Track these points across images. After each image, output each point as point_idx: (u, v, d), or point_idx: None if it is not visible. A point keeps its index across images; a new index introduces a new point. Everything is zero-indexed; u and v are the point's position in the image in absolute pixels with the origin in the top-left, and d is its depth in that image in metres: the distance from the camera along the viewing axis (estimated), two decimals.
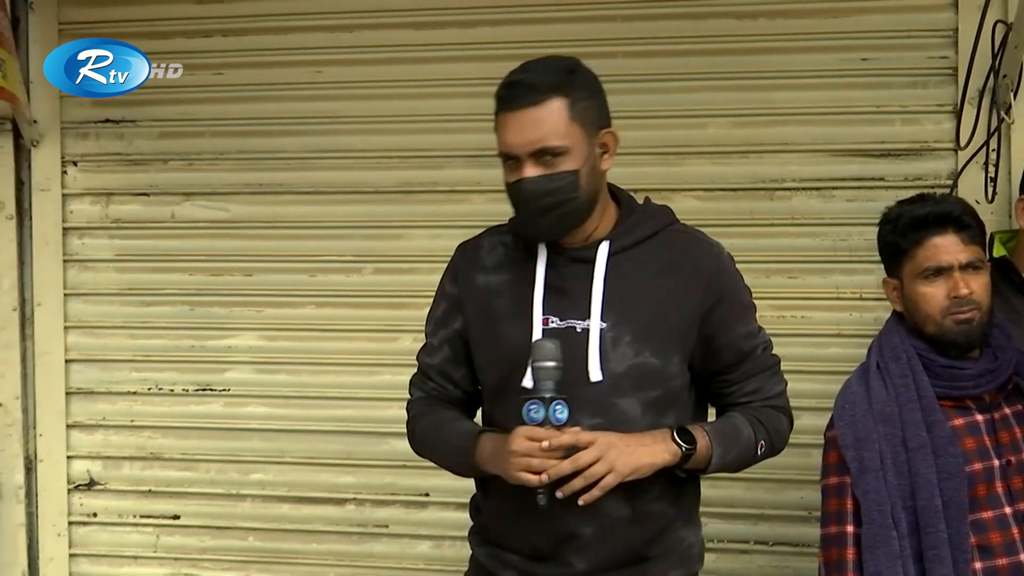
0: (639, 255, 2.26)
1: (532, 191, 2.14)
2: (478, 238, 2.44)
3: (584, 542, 2.22)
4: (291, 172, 3.58)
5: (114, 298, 3.72)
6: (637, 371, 2.20)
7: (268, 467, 3.64)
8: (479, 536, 2.44)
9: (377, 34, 3.48)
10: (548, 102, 2.12)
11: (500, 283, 2.31)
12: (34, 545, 3.78)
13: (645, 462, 2.12)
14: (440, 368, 2.42)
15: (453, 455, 2.34)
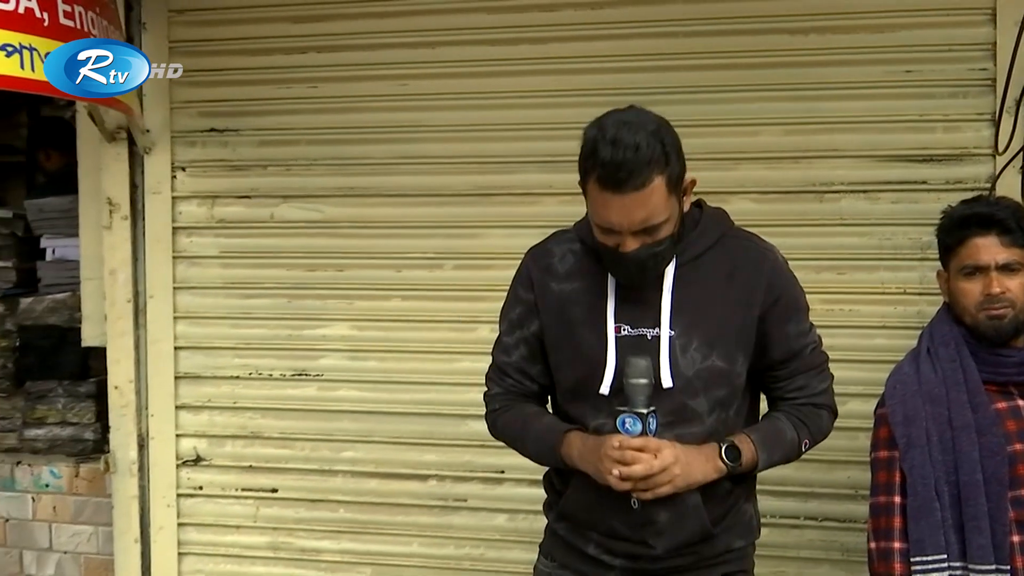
0: (702, 264, 2.32)
1: (635, 260, 2.20)
2: (548, 245, 2.49)
3: (661, 527, 2.31)
4: (379, 177, 3.67)
5: (218, 291, 3.85)
6: (706, 374, 2.28)
7: (358, 446, 3.75)
8: (557, 512, 2.51)
9: (456, 50, 3.55)
10: (651, 183, 2.12)
11: (573, 291, 2.37)
12: (146, 515, 3.93)
13: (697, 479, 2.23)
14: (517, 366, 2.49)
15: (540, 448, 2.43)
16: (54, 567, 4.17)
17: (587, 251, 2.39)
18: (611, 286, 2.32)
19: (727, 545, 2.41)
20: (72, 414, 4.25)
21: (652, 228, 2.18)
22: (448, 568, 3.71)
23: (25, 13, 2.96)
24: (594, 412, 2.31)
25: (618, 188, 2.12)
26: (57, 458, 4.21)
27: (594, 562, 2.43)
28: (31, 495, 4.21)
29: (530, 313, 2.43)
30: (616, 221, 2.16)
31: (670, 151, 2.16)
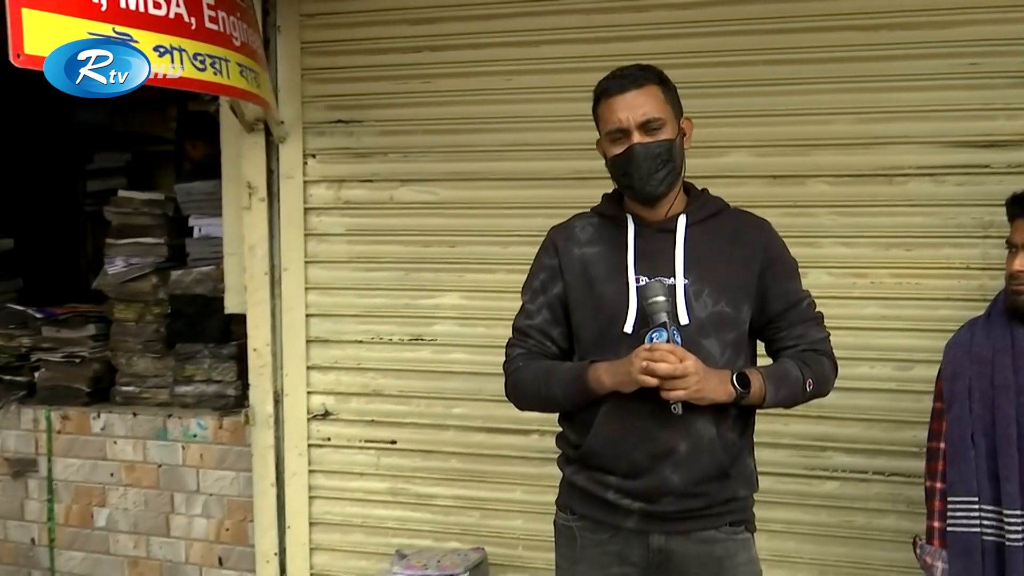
0: (709, 228, 2.51)
1: (643, 152, 2.41)
2: (569, 221, 2.67)
3: (680, 457, 2.42)
4: (486, 163, 3.80)
5: (344, 265, 3.99)
6: (716, 317, 2.44)
7: (467, 403, 3.88)
8: (576, 464, 2.58)
9: (556, 48, 3.66)
10: (649, 87, 2.44)
11: (594, 253, 2.53)
12: (280, 462, 4.11)
13: (708, 396, 2.35)
14: (540, 328, 2.60)
15: (566, 386, 2.50)
16: (201, 507, 4.40)
17: (604, 223, 2.59)
18: (631, 243, 2.49)
19: (733, 492, 2.50)
20: (216, 373, 4.48)
21: (654, 125, 2.42)
22: (548, 514, 3.43)
23: (175, 18, 3.08)
24: (618, 355, 2.42)
25: (621, 89, 2.43)
26: (203, 412, 4.42)
27: (613, 509, 2.51)
28: (181, 444, 4.41)
29: (554, 277, 2.58)
30: (623, 116, 2.42)
31: (667, 80, 2.50)
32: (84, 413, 4.60)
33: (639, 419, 2.42)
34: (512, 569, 3.89)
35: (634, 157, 2.43)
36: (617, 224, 2.56)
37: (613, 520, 2.53)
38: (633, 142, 2.42)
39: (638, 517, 2.50)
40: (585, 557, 2.58)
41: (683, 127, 2.51)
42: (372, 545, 4.06)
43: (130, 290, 4.67)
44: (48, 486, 4.64)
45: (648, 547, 2.51)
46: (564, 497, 2.67)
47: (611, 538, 2.54)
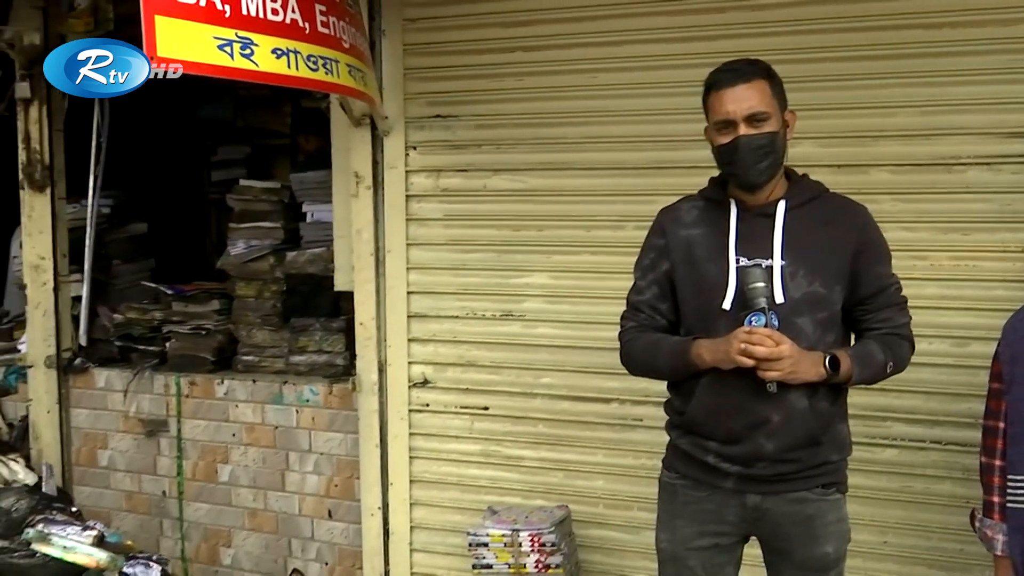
0: (806, 212, 2.55)
1: (748, 144, 2.46)
2: (676, 204, 2.72)
3: (774, 427, 2.49)
4: (573, 153, 3.86)
5: (442, 247, 4.10)
6: (810, 297, 2.49)
7: (554, 373, 3.95)
8: (680, 429, 2.67)
9: (638, 47, 3.71)
10: (756, 81, 2.49)
11: (698, 234, 2.60)
12: (384, 426, 4.24)
13: (801, 377, 2.42)
14: (649, 303, 2.67)
15: (672, 358, 2.58)
16: (312, 465, 4.56)
17: (709, 206, 2.65)
18: (732, 226, 2.56)
19: (825, 457, 2.56)
20: (327, 344, 4.64)
21: (759, 118, 2.47)
22: (626, 476, 3.88)
23: (291, 23, 3.18)
24: (716, 330, 2.51)
25: (730, 83, 2.48)
26: (315, 379, 4.57)
27: (712, 471, 2.60)
28: (295, 408, 4.57)
29: (661, 256, 2.66)
30: (731, 109, 2.47)
31: (774, 75, 2.54)
32: (209, 379, 4.80)
33: (736, 391, 2.49)
34: (593, 525, 3.97)
35: (739, 148, 2.48)
36: (721, 207, 2.61)
37: (712, 480, 2.61)
38: (739, 134, 2.47)
39: (735, 479, 2.58)
40: (685, 513, 2.68)
41: (787, 119, 2.56)
42: (466, 501, 4.15)
43: (250, 269, 4.86)
44: (177, 444, 4.87)
45: (744, 506, 2.60)
46: (669, 458, 2.76)
47: (709, 496, 2.63)
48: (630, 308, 2.75)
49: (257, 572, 4.76)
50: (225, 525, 4.83)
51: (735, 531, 2.66)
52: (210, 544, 4.87)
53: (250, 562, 4.78)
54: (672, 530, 2.72)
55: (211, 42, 2.87)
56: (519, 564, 3.70)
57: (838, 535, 2.62)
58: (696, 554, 2.67)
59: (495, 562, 3.73)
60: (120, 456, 5.03)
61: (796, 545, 2.60)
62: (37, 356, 5.04)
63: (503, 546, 3.71)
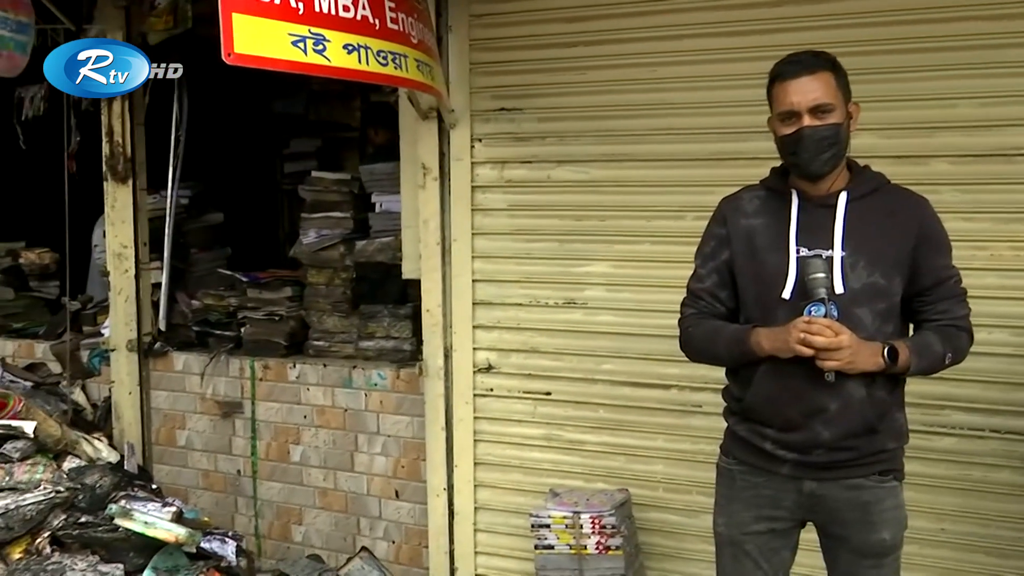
0: (868, 203, 2.54)
1: (811, 135, 2.45)
2: (738, 193, 2.72)
3: (831, 415, 2.49)
4: (634, 145, 3.87)
5: (506, 236, 4.12)
6: (869, 288, 2.48)
7: (614, 360, 3.97)
8: (738, 416, 2.69)
9: (697, 41, 3.71)
10: (822, 73, 2.48)
11: (759, 224, 2.60)
12: (449, 409, 4.28)
13: (860, 367, 2.42)
14: (710, 290, 2.67)
15: (731, 346, 2.59)
16: (380, 447, 4.64)
17: (770, 195, 2.65)
18: (794, 216, 2.55)
19: (882, 445, 2.56)
20: (394, 330, 4.70)
21: (823, 110, 2.45)
22: (685, 460, 3.88)
23: (361, 20, 3.21)
24: (776, 319, 2.51)
25: (794, 74, 2.47)
26: (383, 364, 4.64)
27: (769, 457, 2.61)
28: (364, 391, 4.64)
29: (722, 245, 2.67)
30: (795, 100, 2.46)
31: (839, 67, 2.52)
32: (282, 363, 4.89)
33: (794, 380, 2.50)
34: (653, 509, 3.99)
35: (803, 139, 2.47)
36: (782, 197, 2.61)
37: (769, 467, 2.62)
38: (803, 125, 2.46)
39: (792, 465, 2.58)
40: (742, 498, 2.70)
41: (850, 111, 2.55)
42: (528, 484, 4.18)
43: (321, 258, 4.92)
44: (251, 425, 4.98)
45: (800, 492, 2.61)
46: (727, 444, 2.77)
47: (766, 482, 2.64)
48: (690, 295, 2.75)
49: (327, 549, 4.84)
50: (296, 504, 4.92)
51: (791, 516, 2.66)
52: (282, 521, 4.97)
53: (320, 539, 4.87)
54: (729, 515, 2.73)
55: (285, 38, 2.91)
56: (580, 545, 3.73)
57: (895, 521, 2.61)
58: (753, 538, 2.68)
59: (556, 543, 3.76)
60: (197, 436, 5.15)
61: (852, 531, 2.59)
62: (119, 340, 5.17)
63: (564, 528, 3.73)
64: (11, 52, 4.68)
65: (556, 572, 3.76)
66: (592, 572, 3.72)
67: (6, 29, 4.59)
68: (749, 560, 2.69)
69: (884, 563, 2.61)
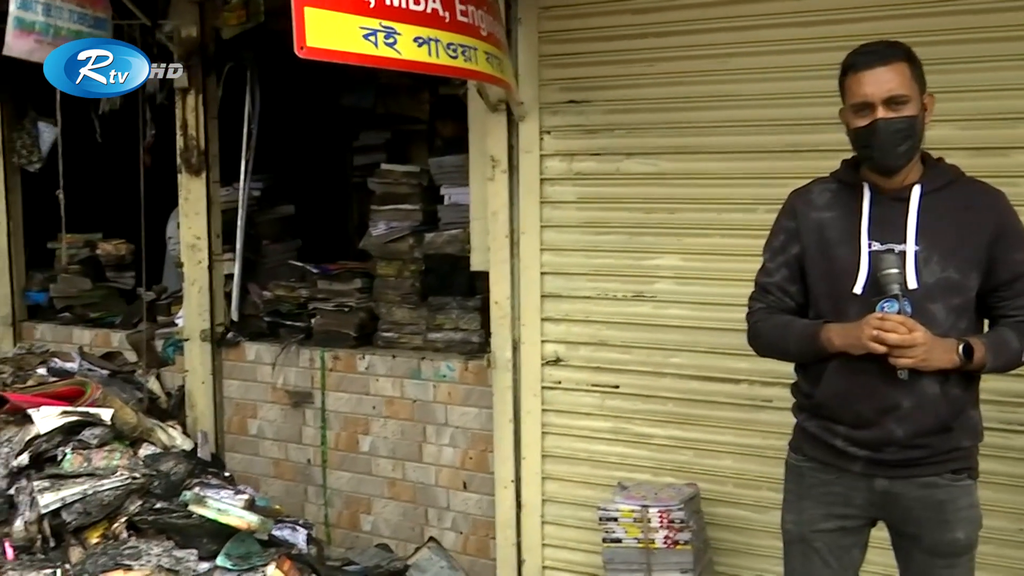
0: (942, 197, 2.51)
1: (886, 128, 2.42)
2: (808, 186, 2.69)
3: (904, 413, 2.47)
4: (704, 137, 3.86)
5: (575, 229, 4.13)
6: (943, 283, 2.46)
7: (683, 353, 3.96)
8: (808, 412, 2.67)
9: (769, 32, 3.69)
10: (897, 63, 2.45)
11: (830, 218, 2.57)
12: (517, 402, 4.30)
13: (934, 364, 2.40)
14: (779, 284, 2.66)
15: (801, 342, 2.57)
16: (448, 438, 4.68)
17: (842, 188, 2.62)
18: (865, 209, 2.53)
19: (956, 443, 2.53)
20: (463, 322, 4.74)
21: (899, 101, 2.43)
22: (755, 455, 3.86)
23: (431, 13, 3.25)
24: (847, 314, 2.49)
25: (869, 65, 2.44)
26: (451, 355, 4.68)
27: (840, 454, 2.59)
28: (432, 383, 4.69)
29: (792, 239, 2.65)
30: (869, 91, 2.44)
31: (914, 57, 2.49)
32: (351, 354, 4.96)
33: (865, 376, 2.48)
34: (722, 504, 3.99)
35: (877, 131, 2.44)
36: (854, 190, 2.58)
37: (840, 464, 2.60)
38: (877, 116, 2.44)
39: (864, 463, 2.56)
40: (811, 495, 2.68)
41: (925, 103, 2.53)
42: (596, 477, 4.18)
43: (390, 250, 4.98)
44: (321, 415, 5.06)
45: (872, 490, 2.59)
46: (796, 440, 2.76)
47: (837, 479, 2.63)
48: (759, 289, 2.75)
49: (395, 539, 4.91)
50: (365, 493, 4.99)
51: (863, 514, 2.65)
52: (351, 511, 5.05)
53: (388, 529, 4.94)
54: (799, 512, 2.72)
55: (357, 32, 2.94)
56: (648, 539, 3.73)
57: (969, 521, 2.58)
58: (822, 536, 2.67)
59: (624, 536, 3.77)
60: (268, 425, 5.26)
61: (925, 530, 2.57)
62: (193, 330, 5.30)
63: (632, 521, 3.73)
64: None
65: (624, 566, 3.77)
66: (660, 566, 3.73)
67: (84, 24, 4.71)
68: (818, 558, 2.68)
69: (958, 563, 2.59)
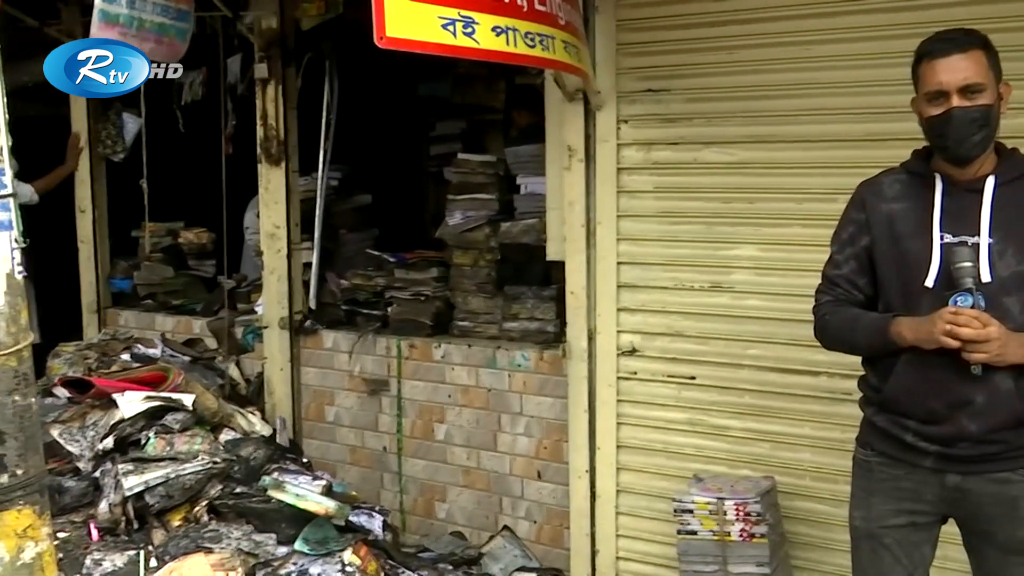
0: (1017, 188, 2.48)
1: (961, 117, 2.39)
2: (878, 177, 2.67)
3: (977, 408, 2.44)
4: (784, 126, 3.82)
5: (652, 219, 4.14)
6: (1018, 277, 2.43)
7: (761, 345, 3.95)
8: (876, 406, 2.64)
9: (852, 18, 3.64)
10: (972, 51, 2.42)
11: (901, 209, 2.55)
12: (592, 392, 4.32)
13: (1009, 360, 2.38)
14: (847, 277, 2.64)
15: (870, 335, 2.56)
16: (523, 427, 4.74)
17: (912, 179, 2.60)
18: (938, 201, 2.51)
19: None
20: (538, 312, 4.79)
21: (974, 90, 2.40)
22: (833, 449, 3.79)
23: (509, 2, 3.23)
24: (918, 308, 2.47)
25: (944, 52, 2.42)
26: (527, 345, 4.73)
27: (911, 449, 2.57)
28: (507, 372, 4.75)
29: (861, 231, 2.64)
30: (944, 79, 2.41)
31: (990, 45, 2.47)
32: (427, 343, 5.05)
33: (937, 371, 2.46)
34: (799, 498, 3.97)
35: (951, 120, 2.42)
36: (925, 181, 2.57)
37: (910, 459, 2.59)
38: (952, 105, 2.41)
39: (935, 458, 2.54)
40: (881, 490, 2.67)
41: (1001, 92, 2.50)
42: (671, 468, 4.20)
43: (466, 239, 5.05)
44: (397, 403, 5.16)
45: (943, 486, 2.57)
46: (865, 435, 2.75)
47: (907, 475, 2.62)
48: (826, 281, 2.74)
49: (469, 527, 5.00)
50: (440, 481, 5.08)
51: (933, 510, 2.62)
52: (426, 498, 5.14)
53: (463, 517, 5.02)
54: (867, 507, 2.70)
55: (435, 21, 2.96)
56: (723, 532, 3.75)
57: None
58: (892, 532, 2.65)
59: (700, 529, 3.78)
60: (345, 412, 5.37)
61: (998, 527, 2.54)
62: (272, 318, 5.44)
63: (708, 514, 3.74)
64: (172, 39, 4.96)
65: (699, 558, 3.79)
66: (736, 559, 3.74)
67: (167, 17, 4.86)
68: (888, 554, 2.65)
69: None
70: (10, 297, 2.47)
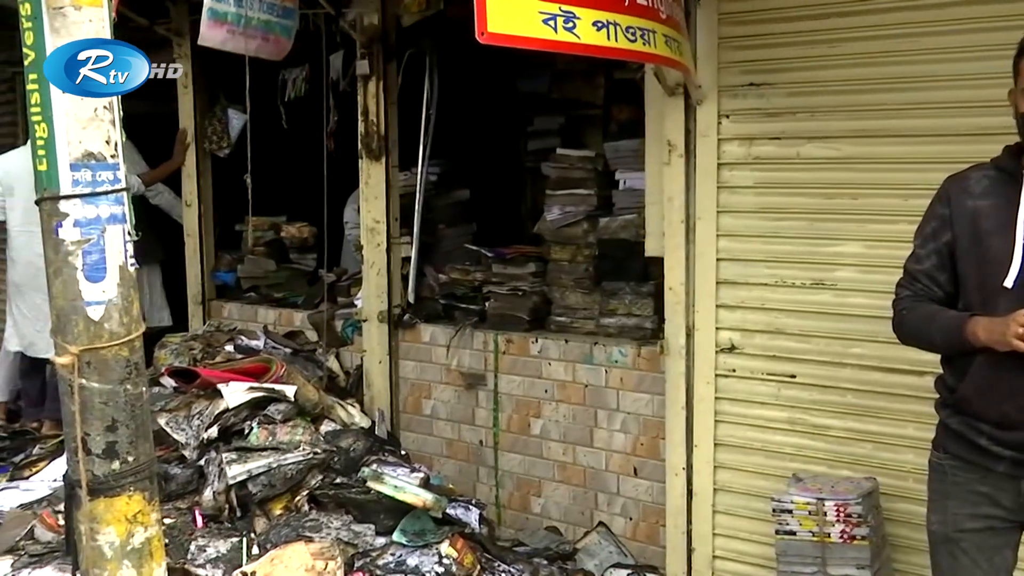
0: None
1: None
2: (965, 172, 2.65)
3: None
4: (889, 120, 3.80)
5: (752, 215, 4.13)
6: None
7: (865, 344, 3.90)
8: (951, 408, 2.64)
9: (961, 9, 3.61)
10: None
11: (987, 206, 2.55)
12: (690, 389, 4.35)
13: None
14: (928, 272, 2.64)
15: (946, 333, 2.55)
16: (620, 423, 4.79)
17: (1001, 177, 2.58)
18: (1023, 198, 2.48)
19: None
20: (636, 308, 4.83)
21: None
22: None
23: None
24: (996, 308, 2.45)
25: None
26: (624, 341, 4.78)
27: (985, 453, 2.55)
28: (604, 368, 4.80)
29: (944, 226, 2.64)
30: None
31: None
32: (524, 338, 5.13)
33: (1011, 373, 2.44)
34: (901, 500, 3.94)
35: None
36: (1014, 179, 2.54)
37: (984, 462, 2.59)
38: None
39: (1009, 463, 2.55)
40: (956, 494, 2.66)
41: None
42: (770, 467, 4.20)
43: (564, 234, 5.11)
44: (494, 397, 5.26)
45: (1019, 492, 2.56)
46: (939, 437, 2.76)
47: (982, 479, 2.61)
48: (907, 276, 2.74)
49: (565, 522, 5.07)
50: (536, 476, 5.17)
51: (1012, 516, 2.60)
52: (522, 493, 5.24)
53: (558, 512, 5.10)
54: (943, 512, 2.71)
55: (536, 16, 3.00)
56: (823, 533, 3.74)
57: None
58: (969, 536, 2.64)
59: (799, 529, 3.78)
60: (442, 406, 5.50)
61: None
62: (371, 311, 5.59)
63: (807, 514, 3.74)
64: (277, 36, 5.17)
65: (797, 558, 3.79)
66: (836, 561, 3.73)
67: (273, 14, 5.07)
68: (967, 558, 2.63)
69: None
70: (123, 288, 2.59)
